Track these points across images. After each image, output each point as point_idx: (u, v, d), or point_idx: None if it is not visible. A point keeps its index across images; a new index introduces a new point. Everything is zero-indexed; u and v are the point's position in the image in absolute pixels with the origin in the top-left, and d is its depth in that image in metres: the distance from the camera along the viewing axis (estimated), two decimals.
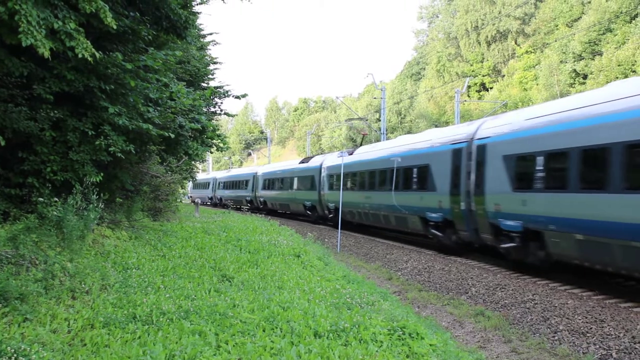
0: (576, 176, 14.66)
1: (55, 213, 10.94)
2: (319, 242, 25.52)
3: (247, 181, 60.13)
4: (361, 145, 39.57)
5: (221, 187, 72.80)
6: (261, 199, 55.41)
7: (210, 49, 32.54)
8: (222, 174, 77.52)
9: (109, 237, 14.06)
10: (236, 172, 71.26)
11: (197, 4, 19.83)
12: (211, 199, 77.53)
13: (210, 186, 78.88)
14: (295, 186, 45.46)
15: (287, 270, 13.90)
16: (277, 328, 8.19)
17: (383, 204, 27.87)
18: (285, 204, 48.80)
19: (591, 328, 11.61)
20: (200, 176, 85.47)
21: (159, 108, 14.58)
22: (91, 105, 12.63)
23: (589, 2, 72.94)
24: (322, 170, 39.19)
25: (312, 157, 45.03)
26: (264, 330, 8.02)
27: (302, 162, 45.95)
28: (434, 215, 22.84)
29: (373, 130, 75.41)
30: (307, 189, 42.29)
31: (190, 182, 62.06)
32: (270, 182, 52.48)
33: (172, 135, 14.38)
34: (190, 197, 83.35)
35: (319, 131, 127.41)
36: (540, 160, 16.26)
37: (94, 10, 9.76)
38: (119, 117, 12.42)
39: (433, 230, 23.35)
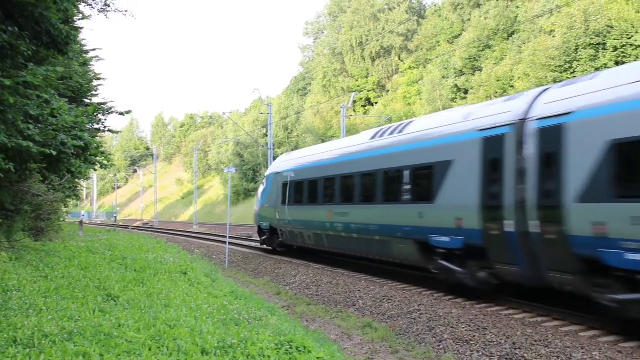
0: None
1: None
2: (207, 259, 25.41)
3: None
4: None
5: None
6: None
7: (93, 65, 31.85)
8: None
9: None
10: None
11: (79, 19, 19.47)
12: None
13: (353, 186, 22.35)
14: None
15: (173, 287, 13.76)
16: (163, 346, 8.14)
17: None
18: None
19: (474, 336, 12.01)
20: (311, 152, 27.57)
21: (39, 125, 14.20)
22: None
23: (469, 20, 76.25)
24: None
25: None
26: (150, 350, 7.96)
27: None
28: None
29: (260, 146, 75.49)
30: None
31: (266, 180, 29.56)
32: None
33: (54, 153, 14.04)
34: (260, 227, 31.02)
35: (206, 147, 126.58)
36: None
37: None
38: None
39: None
